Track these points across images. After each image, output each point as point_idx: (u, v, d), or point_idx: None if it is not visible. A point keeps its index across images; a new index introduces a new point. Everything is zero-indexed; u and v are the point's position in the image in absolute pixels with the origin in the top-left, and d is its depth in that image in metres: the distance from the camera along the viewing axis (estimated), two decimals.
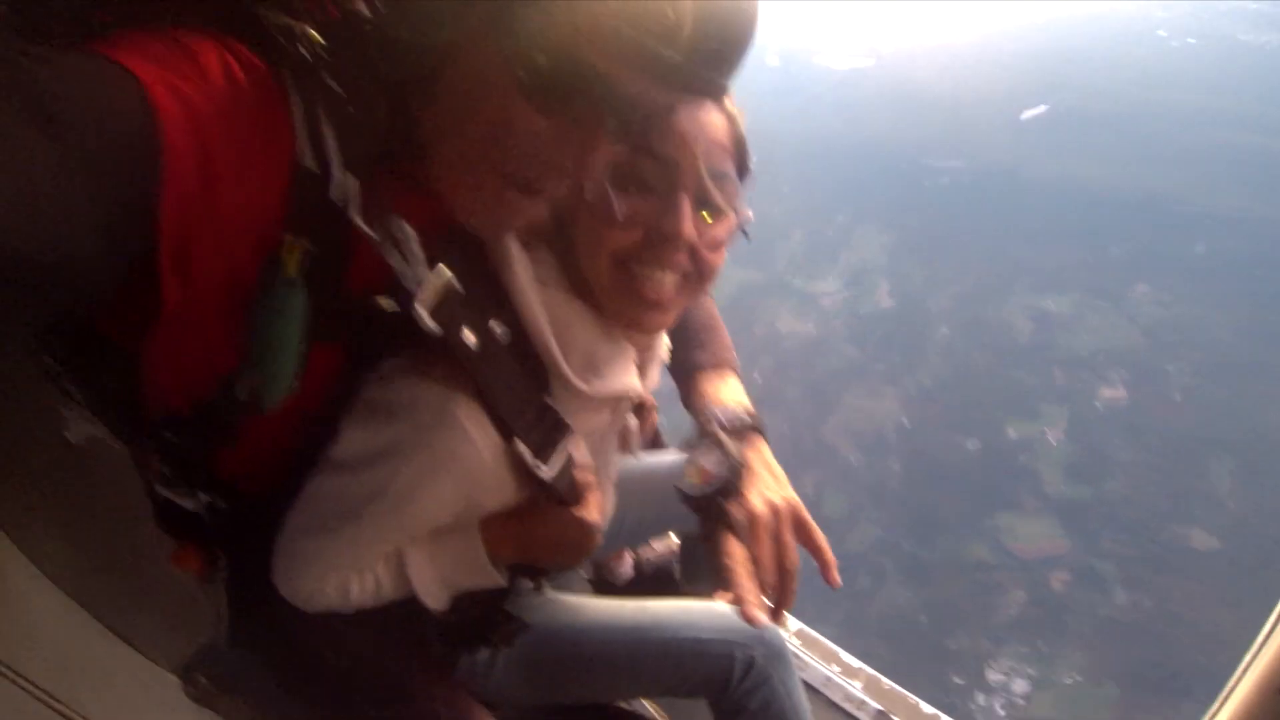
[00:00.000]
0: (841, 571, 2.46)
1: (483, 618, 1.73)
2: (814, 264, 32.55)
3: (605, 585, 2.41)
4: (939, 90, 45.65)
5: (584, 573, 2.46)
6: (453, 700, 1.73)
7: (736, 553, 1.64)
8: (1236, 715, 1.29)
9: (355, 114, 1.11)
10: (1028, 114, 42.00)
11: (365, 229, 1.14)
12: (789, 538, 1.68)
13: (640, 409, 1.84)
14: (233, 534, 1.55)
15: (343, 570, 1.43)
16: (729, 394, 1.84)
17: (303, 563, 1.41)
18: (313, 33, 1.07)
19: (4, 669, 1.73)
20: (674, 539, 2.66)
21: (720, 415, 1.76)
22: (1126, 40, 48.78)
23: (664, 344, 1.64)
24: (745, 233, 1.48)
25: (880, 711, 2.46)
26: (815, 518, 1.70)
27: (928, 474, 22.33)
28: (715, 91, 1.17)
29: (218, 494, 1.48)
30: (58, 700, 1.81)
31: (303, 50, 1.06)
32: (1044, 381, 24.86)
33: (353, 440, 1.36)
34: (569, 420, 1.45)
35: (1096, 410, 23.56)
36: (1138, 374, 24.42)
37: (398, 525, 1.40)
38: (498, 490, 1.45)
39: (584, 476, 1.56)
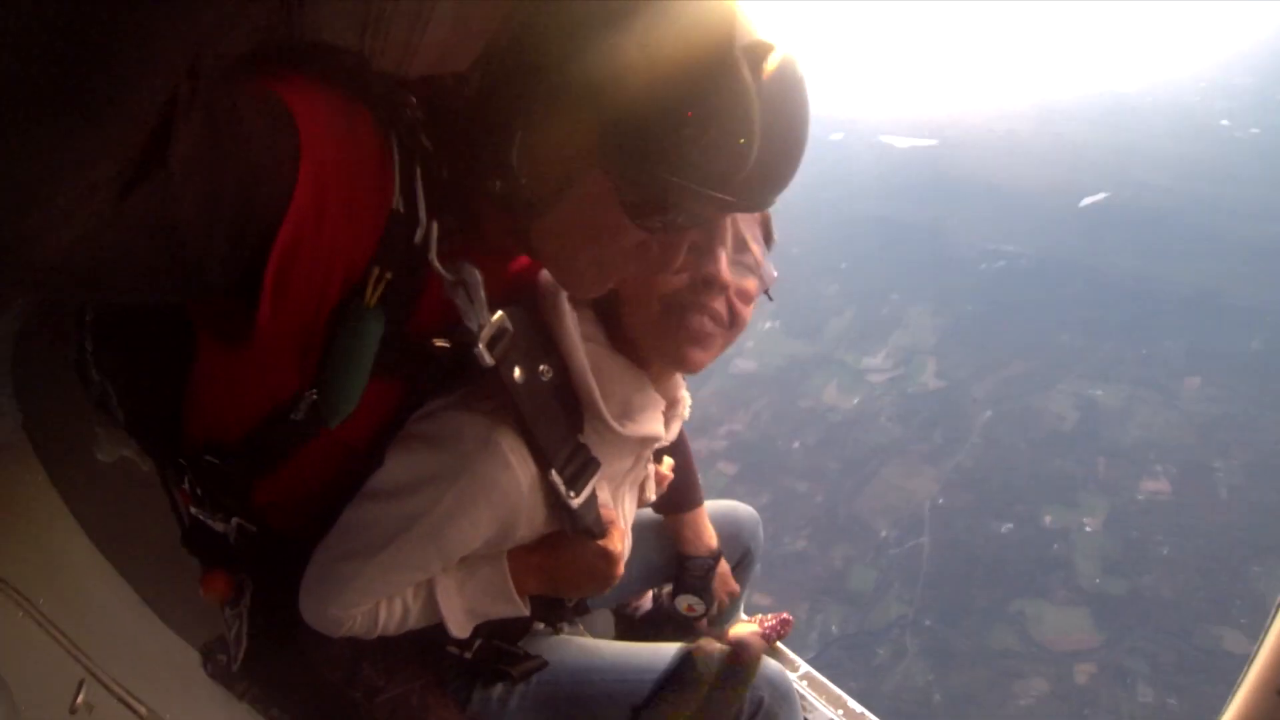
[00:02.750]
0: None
1: (502, 654, 1.77)
2: (865, 341, 32.62)
3: (626, 619, 2.52)
4: (999, 174, 45.91)
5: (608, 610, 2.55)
6: None
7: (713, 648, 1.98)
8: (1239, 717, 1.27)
9: (444, 175, 1.25)
10: (1087, 201, 41.71)
11: (439, 268, 1.23)
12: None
13: (658, 457, 1.93)
14: (260, 560, 1.54)
15: (375, 595, 1.44)
16: (703, 535, 2.23)
17: (335, 587, 1.41)
18: (413, 100, 1.23)
19: (43, 620, 1.82)
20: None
21: (698, 567, 2.20)
22: (1189, 130, 48.79)
23: (686, 403, 1.71)
24: (769, 294, 1.59)
25: None
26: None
27: (959, 555, 22.06)
28: (767, 205, 1.30)
29: (249, 519, 1.49)
30: (81, 651, 1.85)
31: (407, 114, 1.21)
32: (1086, 471, 24.55)
33: (395, 469, 1.38)
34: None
35: (1138, 503, 23.14)
36: (1184, 469, 23.96)
37: (434, 551, 1.40)
38: (530, 520, 1.45)
39: (608, 511, 1.59)
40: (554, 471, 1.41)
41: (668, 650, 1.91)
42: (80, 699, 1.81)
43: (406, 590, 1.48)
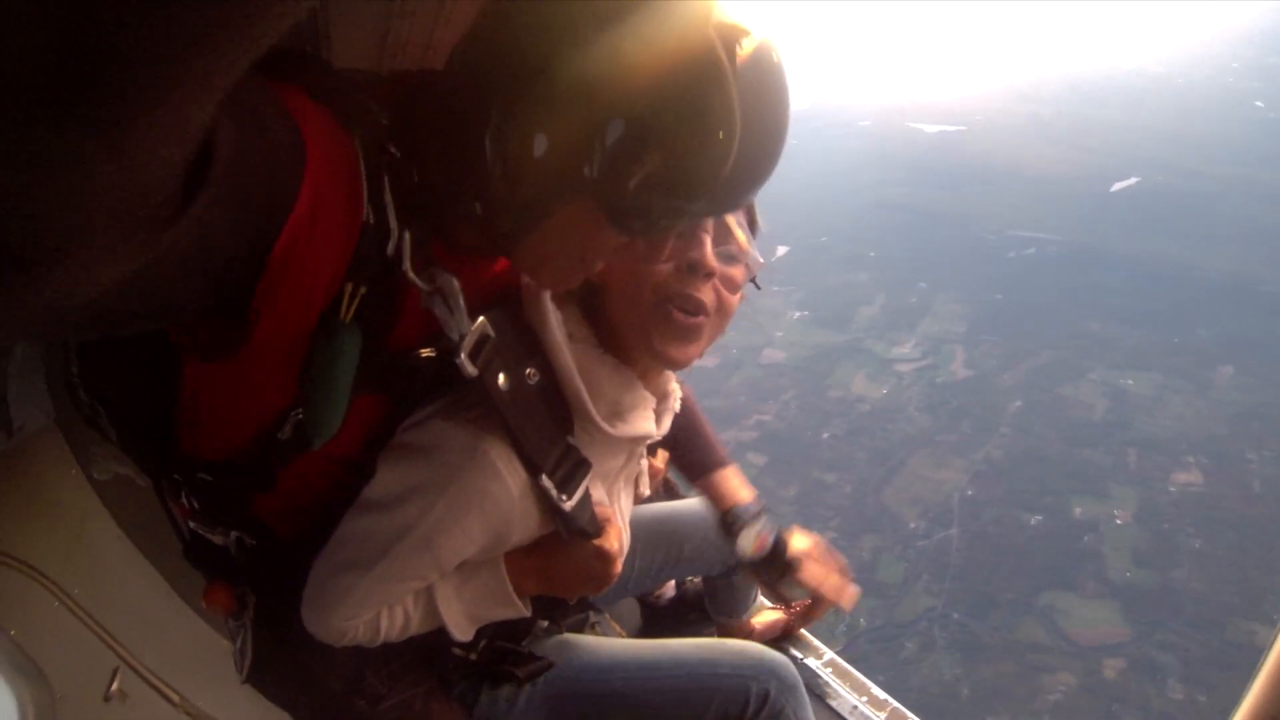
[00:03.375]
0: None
1: (508, 655, 1.78)
2: (893, 330, 32.56)
3: (650, 607, 2.58)
4: (1028, 159, 45.55)
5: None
6: None
7: (812, 575, 2.04)
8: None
9: (414, 180, 1.23)
10: (1118, 186, 41.15)
11: (414, 279, 1.22)
12: (830, 556, 2.08)
13: (652, 450, 1.90)
14: (261, 572, 1.55)
15: (374, 605, 1.45)
16: (739, 489, 2.11)
17: (335, 599, 1.42)
18: (377, 108, 1.20)
19: (78, 610, 1.84)
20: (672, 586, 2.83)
21: (749, 509, 2.08)
22: (1222, 112, 48.31)
23: (676, 395, 1.70)
24: (756, 283, 1.59)
25: None
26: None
27: (988, 547, 21.95)
28: (747, 203, 1.34)
29: (248, 532, 1.50)
30: (115, 640, 1.89)
31: (374, 122, 1.18)
32: (1116, 461, 24.38)
33: (386, 480, 1.39)
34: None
35: (1170, 494, 22.95)
36: (1216, 459, 23.77)
37: (429, 560, 1.42)
38: (523, 525, 1.47)
39: (603, 510, 1.59)
40: (544, 476, 1.42)
41: (677, 647, 1.93)
42: (115, 686, 1.84)
43: (406, 598, 1.50)
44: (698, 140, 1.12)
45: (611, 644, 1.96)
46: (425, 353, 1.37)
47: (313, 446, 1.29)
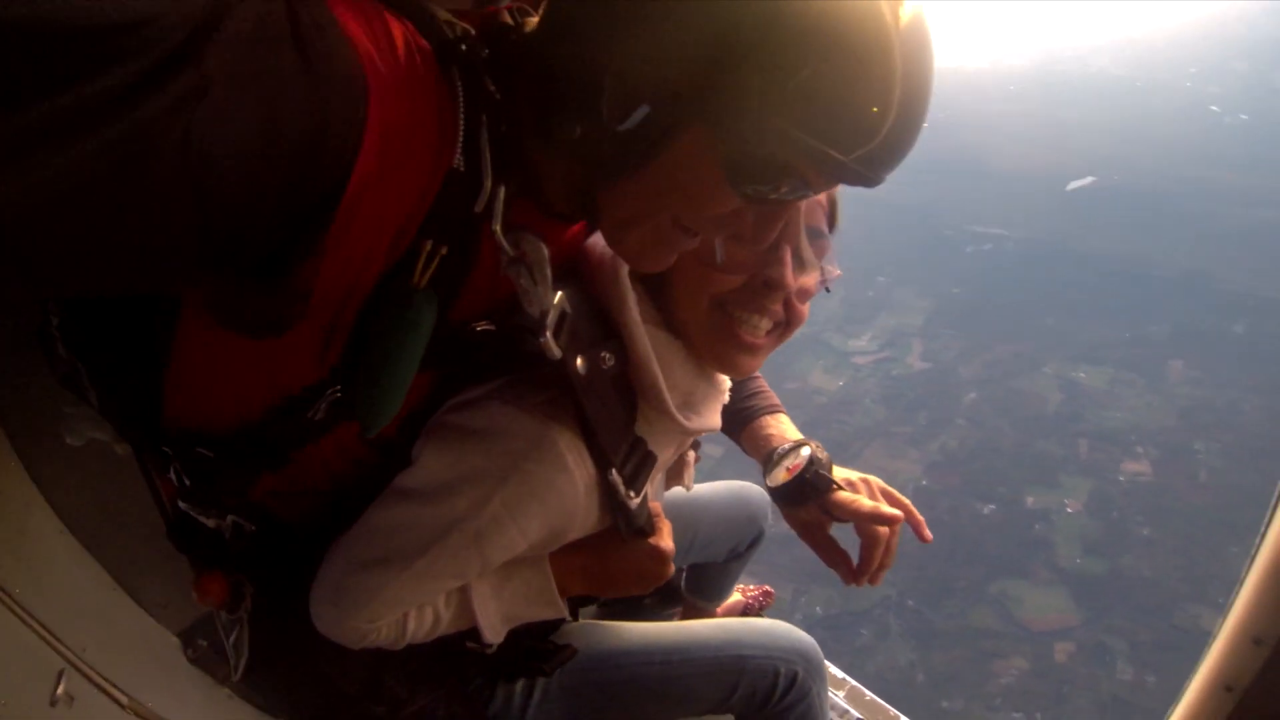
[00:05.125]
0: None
1: (533, 649, 1.69)
2: (851, 323, 32.40)
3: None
4: (987, 155, 45.93)
5: None
6: None
7: (850, 504, 1.71)
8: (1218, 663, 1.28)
9: (509, 130, 1.03)
10: (1074, 185, 41.82)
11: (504, 243, 1.06)
12: (878, 492, 1.79)
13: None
14: (261, 562, 1.39)
15: (405, 606, 1.31)
16: (790, 431, 1.92)
17: (360, 599, 1.26)
18: (473, 34, 1.02)
19: (18, 609, 1.70)
20: None
21: (787, 444, 1.86)
22: (1179, 115, 48.89)
23: (728, 386, 1.57)
24: (827, 288, 1.48)
25: None
26: (824, 573, 1.82)
27: (942, 536, 21.74)
28: (883, 179, 1.08)
29: (247, 516, 1.34)
30: (59, 640, 1.77)
31: (473, 52, 0.99)
32: (1068, 452, 24.63)
33: (432, 467, 1.25)
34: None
35: (1119, 484, 23.23)
36: (1165, 451, 24.06)
37: (476, 558, 1.27)
38: (582, 523, 1.35)
39: (655, 506, 1.50)
40: (614, 471, 1.30)
41: (699, 628, 1.87)
42: (61, 689, 1.72)
43: (439, 598, 1.36)
44: (850, 95, 0.94)
45: (630, 629, 1.86)
46: (482, 326, 1.21)
47: (366, 434, 1.13)
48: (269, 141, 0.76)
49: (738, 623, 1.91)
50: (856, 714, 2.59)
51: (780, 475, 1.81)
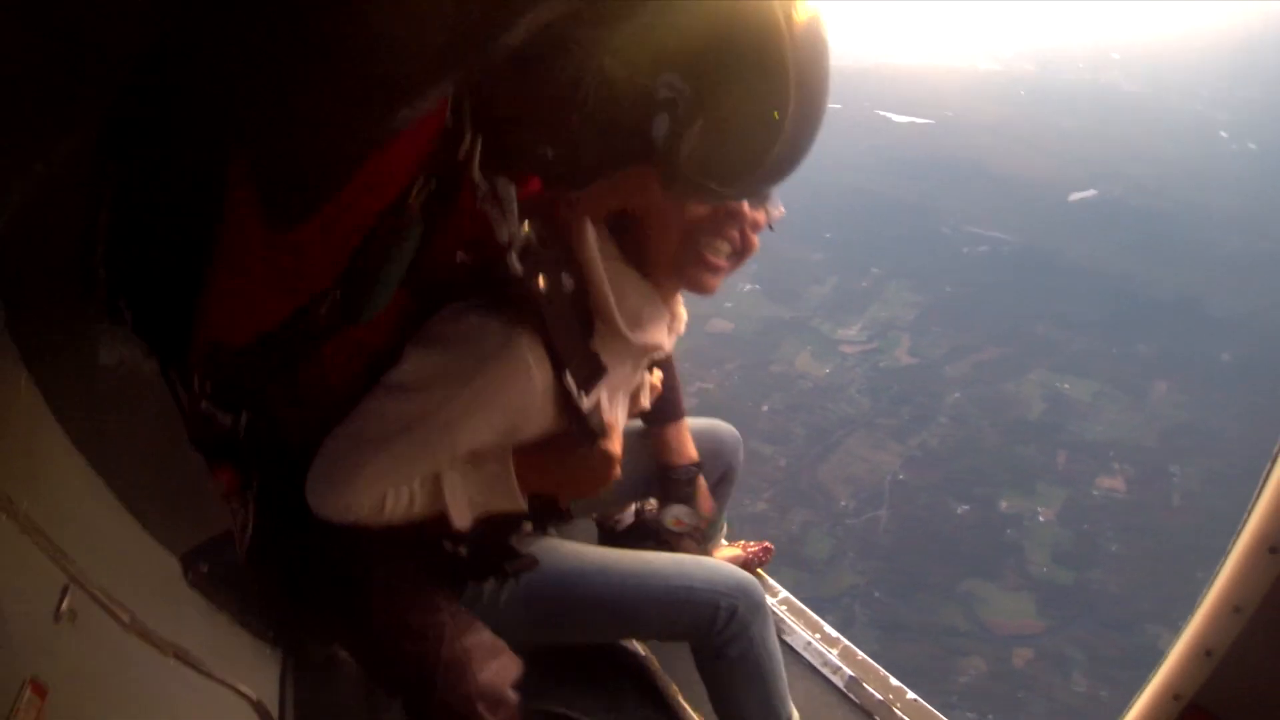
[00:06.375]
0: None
1: (496, 550, 1.85)
2: (842, 311, 32.73)
3: (608, 532, 2.61)
4: (991, 159, 45.93)
5: (592, 516, 2.67)
6: (457, 612, 1.80)
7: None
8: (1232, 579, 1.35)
9: (487, 102, 1.37)
10: (1076, 196, 41.97)
11: (479, 179, 1.35)
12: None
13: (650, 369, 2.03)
14: (268, 453, 1.60)
15: (384, 484, 1.49)
16: (686, 447, 2.30)
17: (346, 474, 1.46)
18: None
19: (26, 524, 1.77)
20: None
21: (682, 476, 2.28)
22: (1187, 136, 49.01)
23: (683, 318, 1.83)
24: (771, 226, 1.74)
25: (852, 678, 2.66)
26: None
27: (915, 531, 22.36)
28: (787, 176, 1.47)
29: (260, 416, 1.54)
30: (64, 556, 1.83)
31: None
32: (1046, 461, 24.88)
33: (414, 364, 1.47)
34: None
35: (1093, 498, 23.52)
36: (1142, 470, 24.33)
37: (446, 444, 1.49)
38: (539, 420, 1.56)
39: (609, 416, 1.70)
40: (568, 374, 1.51)
41: (654, 559, 2.04)
42: (64, 605, 1.77)
43: (414, 480, 1.52)
44: (753, 106, 1.26)
45: (592, 550, 2.07)
46: (461, 257, 1.48)
47: (358, 321, 1.39)
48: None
49: (689, 558, 2.07)
50: (850, 671, 2.70)
51: (669, 520, 2.30)
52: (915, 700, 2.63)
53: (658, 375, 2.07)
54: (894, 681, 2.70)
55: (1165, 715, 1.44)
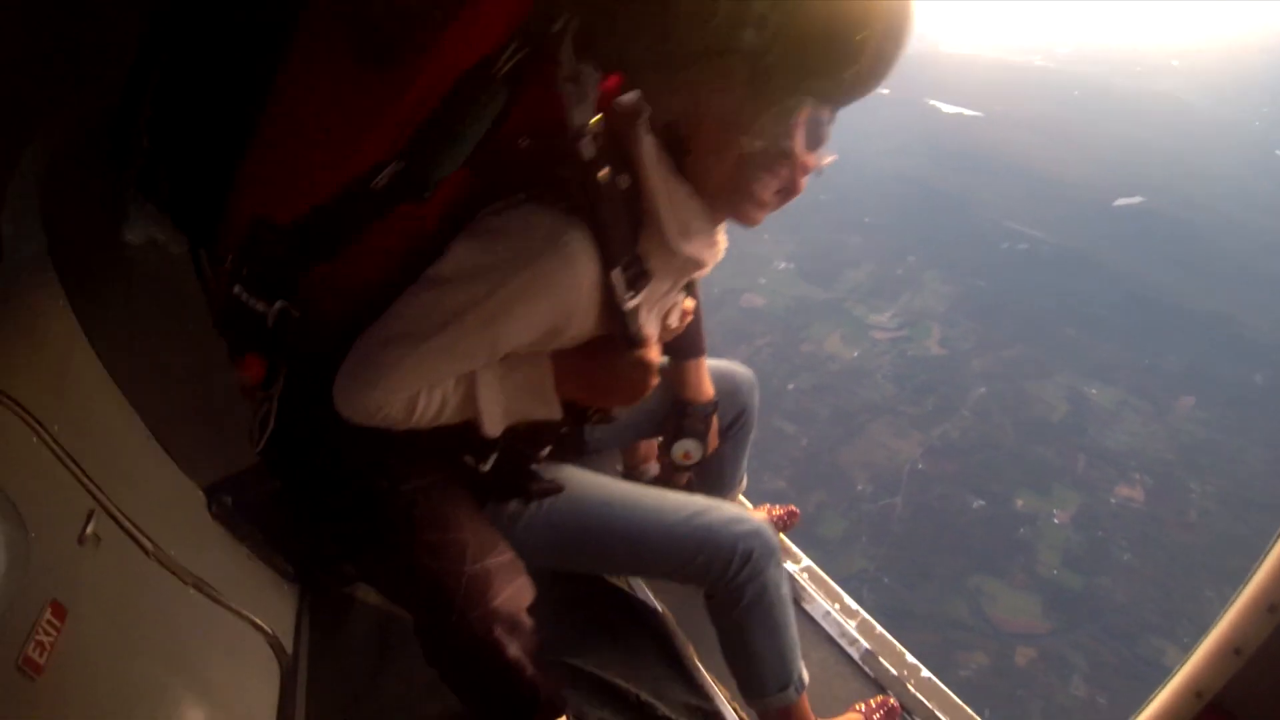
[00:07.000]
0: None
1: (519, 470, 1.83)
2: (875, 296, 32.70)
3: (631, 481, 2.44)
4: (1038, 158, 45.48)
5: (617, 466, 2.69)
6: (480, 529, 1.77)
7: None
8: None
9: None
10: (1121, 202, 41.38)
11: (567, 56, 1.28)
12: None
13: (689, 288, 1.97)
14: (300, 345, 1.54)
15: (418, 382, 1.46)
16: (705, 384, 2.27)
17: (380, 371, 1.42)
18: None
19: (56, 448, 1.80)
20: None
21: (700, 413, 2.26)
22: (1239, 154, 48.30)
23: (723, 245, 1.75)
24: (819, 171, 1.63)
25: (868, 651, 2.65)
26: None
27: (928, 521, 22.40)
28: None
29: (295, 304, 1.49)
30: (91, 481, 1.85)
31: None
32: (1065, 464, 24.82)
33: (460, 256, 1.41)
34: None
35: (1110, 505, 23.44)
36: (1161, 483, 24.25)
37: (488, 340, 1.44)
38: (581, 321, 1.51)
39: (648, 326, 1.64)
40: (616, 271, 1.45)
41: (675, 496, 2.00)
42: (90, 529, 1.77)
43: (448, 381, 1.50)
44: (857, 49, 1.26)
45: (614, 482, 2.03)
46: (524, 142, 1.39)
47: (421, 192, 1.34)
48: None
49: (709, 500, 2.03)
50: (866, 644, 2.69)
51: (678, 453, 2.28)
52: (929, 678, 2.62)
53: (689, 301, 2.01)
54: (910, 658, 2.68)
55: (1185, 712, 1.39)
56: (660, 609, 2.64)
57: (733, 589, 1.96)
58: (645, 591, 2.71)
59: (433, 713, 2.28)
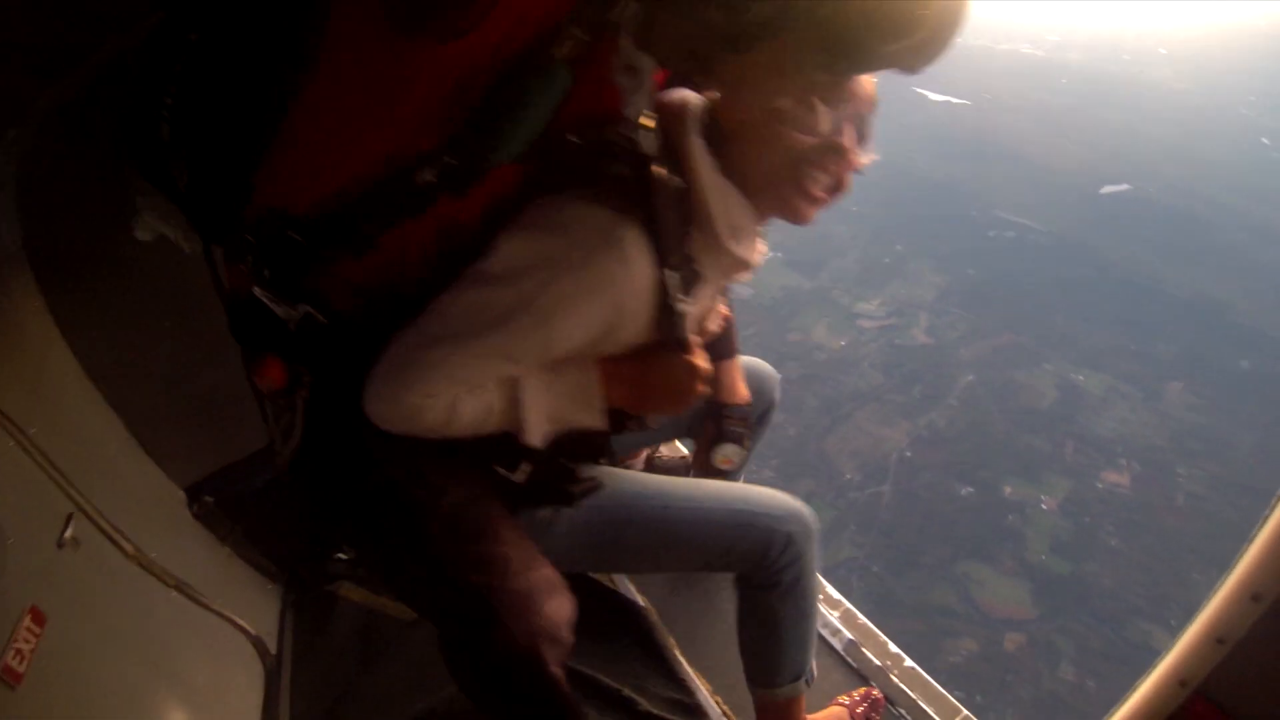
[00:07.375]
0: None
1: (562, 474, 1.75)
2: (862, 286, 32.62)
3: None
4: (1025, 145, 45.65)
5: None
6: (521, 542, 1.68)
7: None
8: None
9: None
10: (1108, 189, 41.54)
11: (626, 45, 1.24)
12: None
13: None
14: (323, 350, 1.49)
15: (462, 384, 1.39)
16: (739, 385, 2.21)
17: (419, 372, 1.36)
18: None
19: (34, 450, 1.77)
20: (681, 448, 2.93)
21: (737, 415, 2.20)
22: (1226, 141, 48.64)
23: (764, 251, 1.73)
24: (859, 171, 1.65)
25: (851, 642, 2.66)
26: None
27: (917, 509, 22.38)
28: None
29: (319, 307, 1.44)
30: (70, 484, 1.83)
31: None
32: (1053, 451, 24.80)
33: (510, 252, 1.36)
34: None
35: (1097, 491, 23.47)
36: (1149, 469, 24.27)
37: (539, 340, 1.39)
38: (635, 323, 1.47)
39: (694, 333, 1.63)
40: (669, 271, 1.42)
41: (711, 484, 1.99)
42: (69, 533, 1.78)
43: (492, 384, 1.43)
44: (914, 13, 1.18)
45: (648, 477, 1.98)
46: (574, 134, 1.34)
47: (471, 181, 1.28)
48: None
49: (747, 486, 2.02)
50: (849, 635, 2.70)
51: (717, 459, 2.23)
52: (912, 668, 2.63)
53: (724, 305, 1.99)
54: (892, 648, 2.70)
55: (1169, 701, 1.41)
56: (643, 604, 2.61)
57: (774, 573, 1.92)
58: (628, 587, 2.68)
59: (417, 711, 2.27)
